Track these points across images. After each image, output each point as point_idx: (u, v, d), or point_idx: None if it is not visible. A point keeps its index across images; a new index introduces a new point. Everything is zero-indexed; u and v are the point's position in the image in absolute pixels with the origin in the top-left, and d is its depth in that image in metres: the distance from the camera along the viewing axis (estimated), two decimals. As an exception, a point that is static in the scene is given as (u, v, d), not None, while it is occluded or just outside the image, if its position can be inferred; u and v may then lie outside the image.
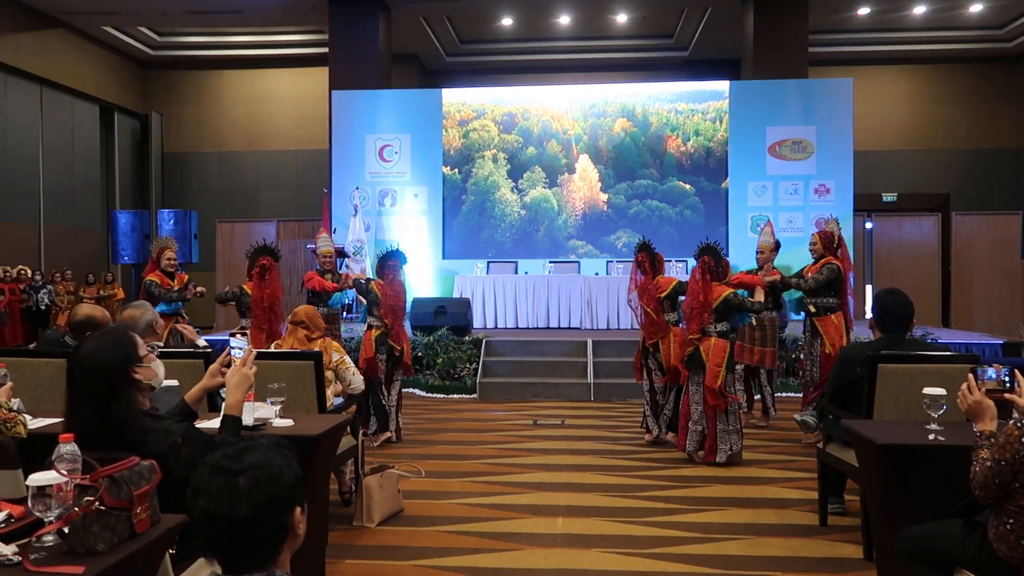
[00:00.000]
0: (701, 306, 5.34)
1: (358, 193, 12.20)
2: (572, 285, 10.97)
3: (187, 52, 16.51)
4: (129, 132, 16.85)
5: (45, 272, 13.55)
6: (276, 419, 3.31)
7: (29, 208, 13.91)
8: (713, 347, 5.33)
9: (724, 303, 5.39)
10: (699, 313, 5.35)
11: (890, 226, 13.01)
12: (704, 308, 5.34)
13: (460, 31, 15.25)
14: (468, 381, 8.57)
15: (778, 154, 12.26)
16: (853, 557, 3.77)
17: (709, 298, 5.36)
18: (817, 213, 12.09)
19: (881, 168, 15.35)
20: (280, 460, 1.39)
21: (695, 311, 5.36)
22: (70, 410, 2.26)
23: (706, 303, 5.34)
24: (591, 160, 12.82)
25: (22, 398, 3.31)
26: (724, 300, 5.38)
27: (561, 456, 5.77)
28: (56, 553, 1.72)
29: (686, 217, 12.60)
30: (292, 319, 4.72)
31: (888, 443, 3.01)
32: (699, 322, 5.36)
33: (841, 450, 3.92)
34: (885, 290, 4.03)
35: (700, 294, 5.35)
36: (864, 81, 14.22)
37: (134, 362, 2.33)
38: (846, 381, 3.96)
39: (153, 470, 1.92)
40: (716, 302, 5.37)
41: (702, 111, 12.69)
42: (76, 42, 14.80)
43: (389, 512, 4.32)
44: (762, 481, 5.09)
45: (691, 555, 3.80)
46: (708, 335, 5.39)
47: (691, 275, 5.52)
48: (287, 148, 16.57)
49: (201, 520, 1.35)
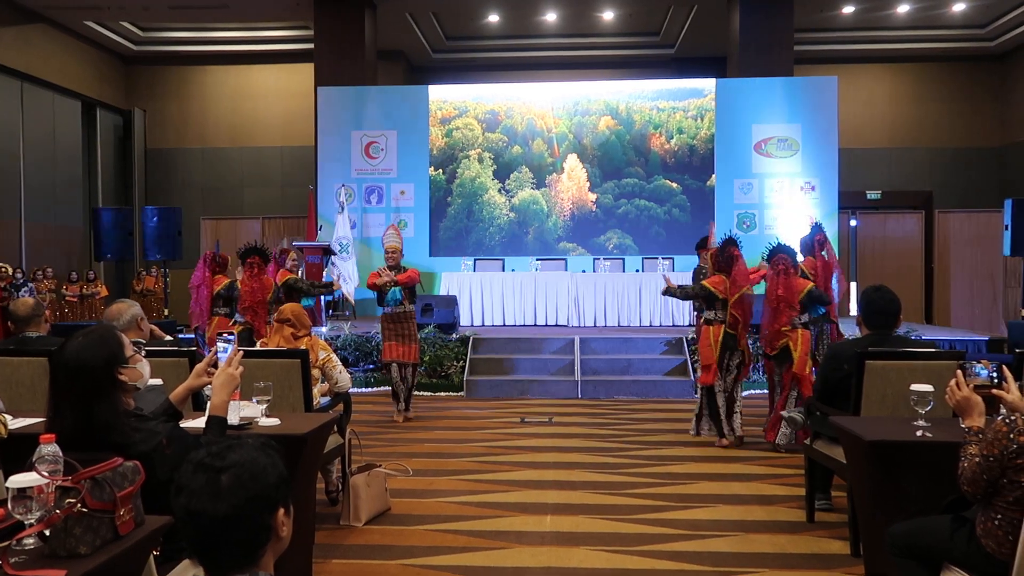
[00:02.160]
0: (790, 301, 5.63)
1: (344, 190, 12.14)
2: (559, 282, 10.97)
3: (170, 47, 16.34)
4: (112, 128, 16.66)
5: (27, 270, 13.38)
6: (262, 418, 3.27)
7: (10, 205, 13.73)
8: (801, 338, 5.63)
9: (808, 296, 5.75)
10: (788, 307, 5.63)
11: (874, 223, 13.11)
12: (793, 302, 5.65)
13: (446, 27, 15.19)
14: (455, 379, 8.55)
15: (764, 152, 12.32)
16: (840, 553, 3.78)
17: (796, 293, 5.69)
18: (803, 210, 12.17)
19: (865, 166, 15.45)
20: (265, 459, 1.37)
21: (784, 305, 5.63)
22: (52, 410, 2.22)
23: (794, 297, 5.67)
24: (579, 159, 12.80)
25: (2, 397, 3.26)
26: (808, 293, 5.75)
27: (549, 454, 5.76)
28: (37, 556, 1.69)
29: (674, 216, 12.61)
30: (278, 317, 4.68)
31: (876, 439, 3.02)
32: (789, 316, 5.63)
33: (828, 447, 3.93)
34: (872, 287, 4.04)
35: (781, 288, 5.64)
36: (849, 79, 14.30)
37: (120, 363, 2.29)
38: (834, 378, 3.98)
39: (137, 471, 1.89)
40: (800, 295, 5.70)
41: (683, 108, 12.71)
42: (58, 37, 14.62)
43: (376, 511, 4.29)
44: (749, 478, 5.10)
45: (679, 552, 3.80)
46: (795, 327, 5.69)
47: (772, 273, 5.75)
48: (272, 144, 16.46)
49: (182, 518, 1.32)
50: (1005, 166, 15.54)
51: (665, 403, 7.92)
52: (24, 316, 4.26)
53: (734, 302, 5.87)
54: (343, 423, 4.39)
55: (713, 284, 5.95)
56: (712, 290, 5.93)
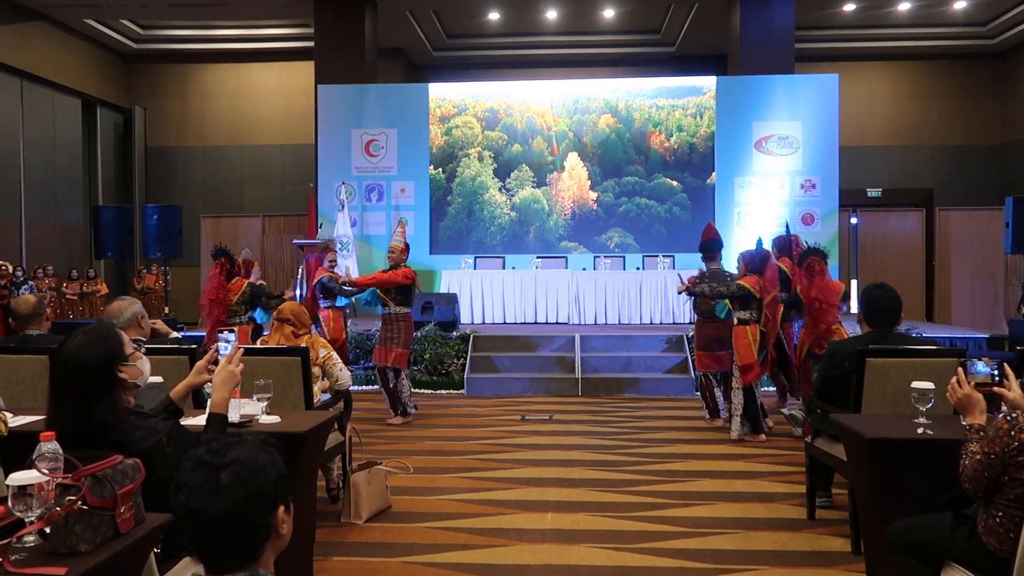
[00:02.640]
0: (829, 300, 5.72)
1: (344, 188, 12.13)
2: (559, 280, 10.97)
3: (171, 45, 16.32)
4: (112, 126, 16.65)
5: (27, 268, 13.38)
6: (262, 416, 3.27)
7: (10, 203, 13.72)
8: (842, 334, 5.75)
9: (844, 296, 6.01)
10: (830, 306, 5.73)
11: (875, 221, 13.09)
12: (834, 300, 5.77)
13: (447, 25, 15.17)
14: (456, 376, 8.55)
15: (764, 150, 12.30)
16: (841, 551, 3.78)
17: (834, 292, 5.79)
18: (803, 209, 12.16)
19: (866, 163, 15.43)
20: (264, 457, 1.37)
21: (826, 305, 5.70)
22: (52, 408, 2.22)
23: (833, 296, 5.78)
24: (580, 158, 12.79)
25: (2, 395, 3.26)
26: (844, 294, 5.99)
27: (549, 451, 5.76)
28: (38, 554, 1.69)
29: (675, 214, 12.58)
30: (278, 316, 4.68)
31: (877, 437, 3.01)
32: (834, 313, 5.73)
33: (829, 444, 3.93)
34: (873, 284, 4.05)
35: (815, 290, 5.73)
36: (850, 77, 14.28)
37: (120, 360, 2.28)
38: (834, 375, 3.98)
39: (137, 468, 1.89)
40: (839, 294, 5.88)
41: (683, 106, 12.69)
42: (58, 35, 14.60)
43: (377, 509, 4.29)
44: (750, 475, 5.10)
45: (680, 549, 3.80)
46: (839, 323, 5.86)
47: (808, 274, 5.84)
48: (272, 143, 16.45)
49: (182, 515, 1.32)
50: (1006, 164, 15.53)
51: (666, 400, 7.92)
52: (25, 314, 4.27)
53: (769, 302, 5.97)
54: (343, 421, 4.39)
55: (750, 284, 6.01)
56: (751, 289, 5.99)
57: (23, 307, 4.29)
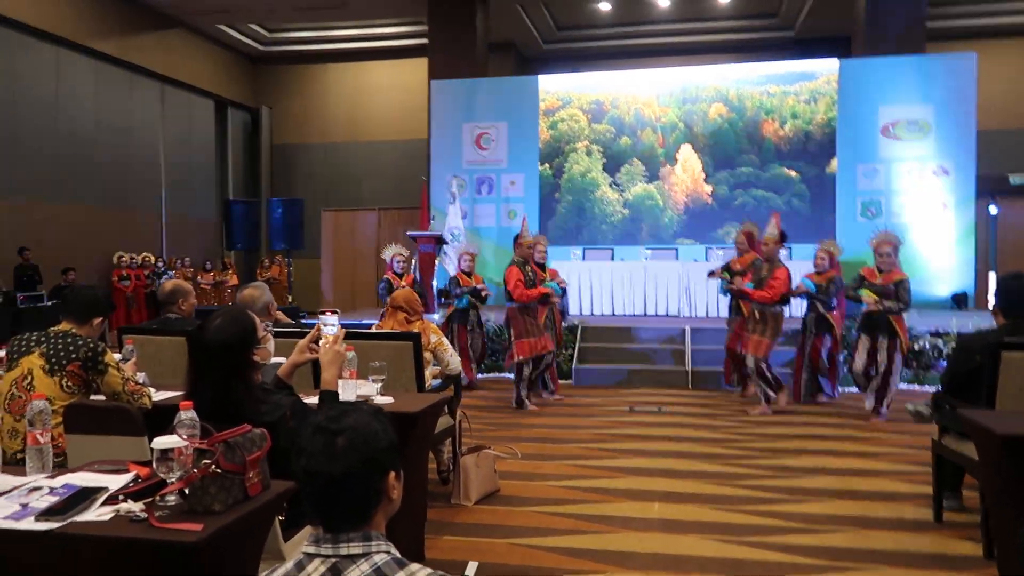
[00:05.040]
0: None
1: (456, 181, 12.37)
2: (670, 272, 10.77)
3: (293, 47, 17.16)
4: (241, 125, 17.68)
5: (166, 259, 14.42)
6: (377, 396, 3.41)
7: (153, 198, 14.83)
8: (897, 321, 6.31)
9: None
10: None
11: (1018, 210, 12.14)
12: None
13: (557, 17, 15.18)
14: (564, 367, 8.57)
15: (892, 135, 11.64)
16: (971, 555, 3.56)
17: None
18: (935, 196, 11.41)
19: (1008, 148, 14.29)
20: (377, 425, 1.44)
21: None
22: (191, 386, 2.41)
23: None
24: (693, 149, 12.46)
25: (146, 373, 3.55)
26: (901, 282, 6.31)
27: (657, 443, 5.71)
28: (178, 511, 1.84)
29: (794, 206, 12.05)
30: (391, 303, 4.86)
31: (1010, 434, 2.82)
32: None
33: (958, 442, 3.70)
34: (1011, 274, 3.80)
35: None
36: (989, 55, 13.26)
37: (254, 344, 2.47)
38: (964, 370, 3.75)
39: (264, 437, 2.02)
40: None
41: (795, 92, 12.13)
42: (193, 40, 15.63)
43: (486, 491, 4.39)
44: (870, 474, 4.88)
45: (792, 545, 3.69)
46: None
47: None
48: (388, 138, 16.98)
49: (302, 478, 1.41)
50: None
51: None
52: (162, 299, 4.64)
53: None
54: (453, 405, 4.51)
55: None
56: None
57: (160, 293, 4.69)
